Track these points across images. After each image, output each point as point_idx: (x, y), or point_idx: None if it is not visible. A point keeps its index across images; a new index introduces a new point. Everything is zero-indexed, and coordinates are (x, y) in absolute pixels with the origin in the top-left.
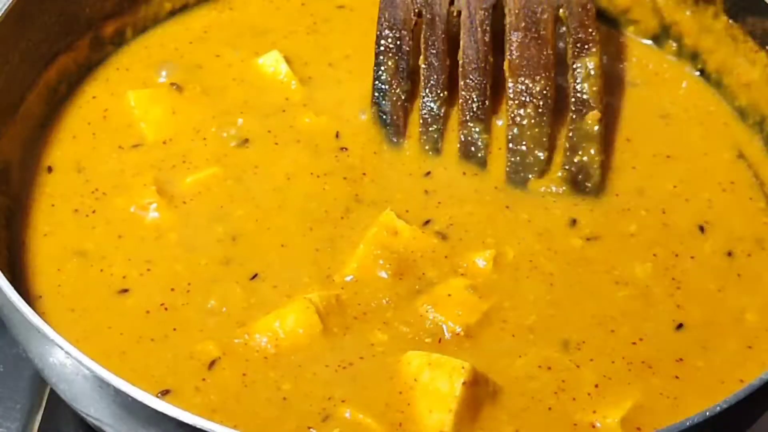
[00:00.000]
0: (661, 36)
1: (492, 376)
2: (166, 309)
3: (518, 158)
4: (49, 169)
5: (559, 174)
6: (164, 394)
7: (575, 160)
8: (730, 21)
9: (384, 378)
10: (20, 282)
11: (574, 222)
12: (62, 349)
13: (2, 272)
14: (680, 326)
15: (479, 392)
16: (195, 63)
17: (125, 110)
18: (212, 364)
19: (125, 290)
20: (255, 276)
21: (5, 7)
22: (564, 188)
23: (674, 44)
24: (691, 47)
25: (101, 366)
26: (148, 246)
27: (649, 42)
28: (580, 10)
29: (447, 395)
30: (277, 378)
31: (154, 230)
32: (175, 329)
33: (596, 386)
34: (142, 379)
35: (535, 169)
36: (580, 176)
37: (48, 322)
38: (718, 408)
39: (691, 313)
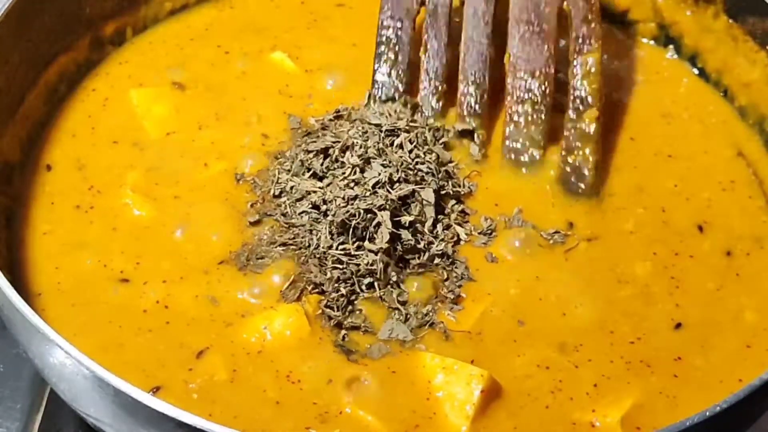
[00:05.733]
0: (661, 36)
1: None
2: (163, 305)
3: (513, 156)
4: (48, 168)
5: (552, 172)
6: (156, 390)
7: (570, 161)
8: (730, 21)
9: (392, 380)
10: (20, 280)
11: (571, 225)
12: (62, 348)
13: (2, 272)
14: (679, 325)
15: (490, 395)
16: (197, 61)
17: (126, 108)
18: (200, 355)
19: (124, 283)
20: (255, 273)
21: (5, 7)
22: (557, 188)
23: (674, 44)
24: (691, 47)
25: (100, 365)
26: (147, 242)
27: (650, 42)
28: (583, 4)
29: (465, 402)
30: (269, 378)
31: (153, 227)
32: (168, 322)
33: (595, 386)
34: (139, 376)
35: (530, 166)
36: (573, 177)
37: (47, 319)
38: (718, 408)
39: (690, 312)
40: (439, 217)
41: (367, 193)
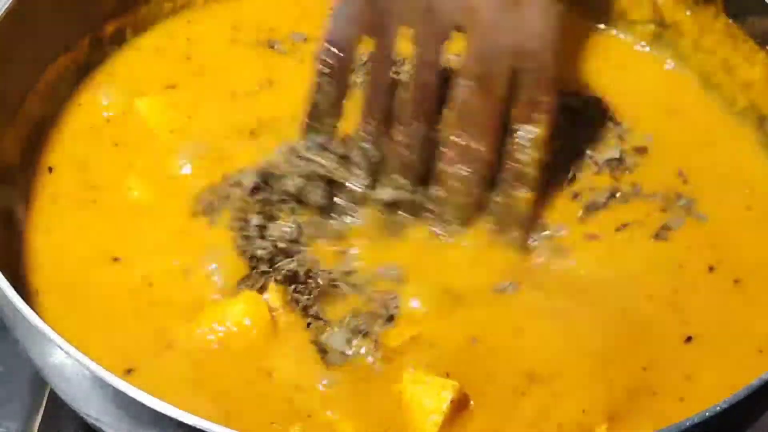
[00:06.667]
0: (661, 36)
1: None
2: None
3: (439, 223)
4: (50, 170)
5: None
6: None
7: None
8: (730, 21)
9: (361, 389)
10: (20, 280)
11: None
12: (62, 348)
13: (2, 272)
14: (688, 340)
15: (460, 407)
16: (197, 60)
17: (127, 108)
18: (169, 348)
19: (123, 286)
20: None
21: (5, 7)
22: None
23: (674, 45)
24: (691, 47)
25: (101, 366)
26: (148, 243)
27: (650, 42)
28: (538, 68)
29: (432, 411)
30: (234, 371)
31: (153, 228)
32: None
33: (584, 411)
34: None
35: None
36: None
37: (47, 319)
38: (718, 408)
39: (697, 328)
40: None
41: None
